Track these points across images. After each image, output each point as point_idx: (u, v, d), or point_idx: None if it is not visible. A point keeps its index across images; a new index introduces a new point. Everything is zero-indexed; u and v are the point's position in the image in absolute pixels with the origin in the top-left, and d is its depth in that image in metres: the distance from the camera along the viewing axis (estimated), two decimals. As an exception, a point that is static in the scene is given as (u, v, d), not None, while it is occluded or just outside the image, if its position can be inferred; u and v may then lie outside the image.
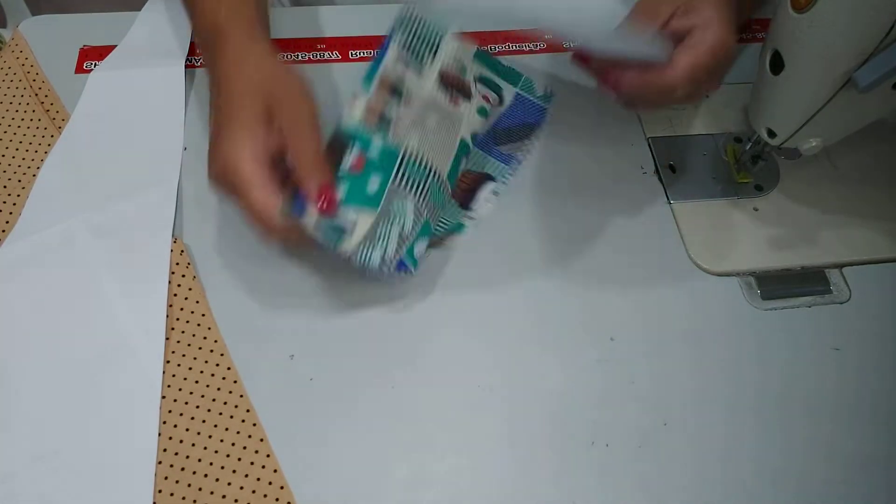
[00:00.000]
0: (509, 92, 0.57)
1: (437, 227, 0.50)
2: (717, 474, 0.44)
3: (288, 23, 0.63)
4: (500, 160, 0.55)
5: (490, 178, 0.54)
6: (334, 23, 0.63)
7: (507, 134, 0.56)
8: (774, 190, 0.55)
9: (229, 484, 0.42)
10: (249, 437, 0.43)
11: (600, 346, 0.48)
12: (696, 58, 0.47)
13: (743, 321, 0.49)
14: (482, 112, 0.54)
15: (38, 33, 0.61)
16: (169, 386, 0.45)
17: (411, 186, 0.47)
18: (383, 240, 0.45)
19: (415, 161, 0.48)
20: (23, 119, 0.56)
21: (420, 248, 0.48)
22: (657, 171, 0.56)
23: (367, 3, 0.64)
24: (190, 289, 0.48)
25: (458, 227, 0.52)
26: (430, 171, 0.49)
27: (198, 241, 0.50)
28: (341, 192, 0.45)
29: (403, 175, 0.47)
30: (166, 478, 0.42)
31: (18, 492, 0.41)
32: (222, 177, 0.44)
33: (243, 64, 0.47)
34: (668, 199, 0.54)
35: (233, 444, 0.43)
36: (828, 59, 0.43)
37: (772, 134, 0.49)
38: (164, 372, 0.45)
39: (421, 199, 0.48)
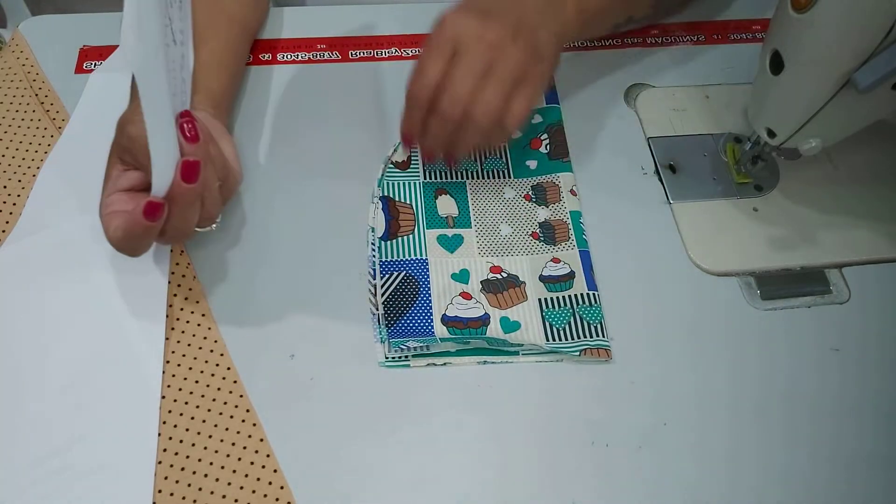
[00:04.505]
0: None
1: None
2: (717, 474, 0.44)
3: (288, 23, 0.63)
4: None
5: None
6: (334, 23, 0.63)
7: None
8: (774, 190, 0.55)
9: (229, 484, 0.42)
10: (249, 437, 0.43)
11: (600, 346, 0.48)
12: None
13: (742, 321, 0.49)
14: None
15: (38, 33, 0.61)
16: (169, 386, 0.45)
17: None
18: None
19: None
20: (23, 119, 0.56)
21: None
22: (657, 171, 0.56)
23: (368, 4, 0.64)
24: (190, 289, 0.48)
25: None
26: None
27: (198, 242, 0.50)
28: None
29: None
30: (166, 478, 0.42)
31: (18, 492, 0.41)
32: None
33: None
34: (668, 199, 0.54)
35: (233, 444, 0.43)
36: (828, 60, 0.43)
37: (772, 134, 0.49)
38: (164, 372, 0.45)
39: None
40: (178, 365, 0.46)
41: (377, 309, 0.48)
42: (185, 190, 0.40)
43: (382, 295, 0.48)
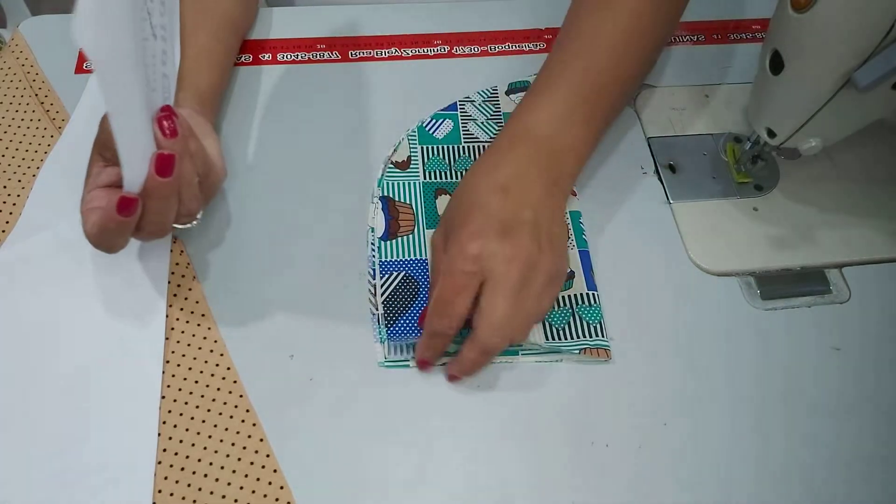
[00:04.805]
0: None
1: None
2: (717, 474, 0.44)
3: (287, 23, 0.63)
4: None
5: None
6: (334, 23, 0.63)
7: None
8: (774, 190, 0.55)
9: (229, 484, 0.42)
10: (249, 437, 0.43)
11: (600, 346, 0.48)
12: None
13: (742, 321, 0.49)
14: None
15: (38, 33, 0.61)
16: (169, 386, 0.45)
17: None
18: None
19: None
20: (23, 119, 0.56)
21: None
22: (657, 171, 0.56)
23: (367, 4, 0.64)
24: (190, 289, 0.48)
25: None
26: None
27: (198, 242, 0.50)
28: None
29: None
30: (166, 478, 0.42)
31: (19, 492, 0.41)
32: None
33: None
34: (668, 199, 0.54)
35: (233, 444, 0.43)
36: (828, 59, 0.43)
37: (772, 134, 0.49)
38: (164, 372, 0.45)
39: None
40: (178, 365, 0.46)
41: (377, 309, 0.48)
42: (160, 184, 0.39)
43: (382, 295, 0.48)
